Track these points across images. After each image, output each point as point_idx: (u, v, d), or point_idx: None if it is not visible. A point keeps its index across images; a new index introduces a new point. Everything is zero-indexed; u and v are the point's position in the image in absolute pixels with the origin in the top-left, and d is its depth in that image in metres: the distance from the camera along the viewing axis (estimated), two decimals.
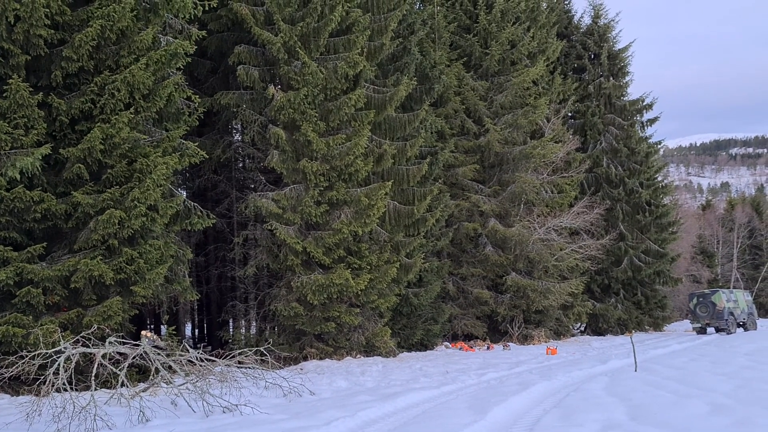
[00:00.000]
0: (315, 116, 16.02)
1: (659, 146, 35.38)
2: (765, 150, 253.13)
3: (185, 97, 13.82)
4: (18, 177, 10.91)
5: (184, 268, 14.07)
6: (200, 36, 14.25)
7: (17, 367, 9.38)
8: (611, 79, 32.39)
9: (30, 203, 11.15)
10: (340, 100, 16.28)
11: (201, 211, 14.20)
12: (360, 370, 14.28)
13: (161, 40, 13.19)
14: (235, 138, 19.87)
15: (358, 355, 17.03)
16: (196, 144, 13.98)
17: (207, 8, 14.19)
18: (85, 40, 11.63)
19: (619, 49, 33.13)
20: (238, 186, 19.00)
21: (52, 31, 11.64)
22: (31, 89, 11.29)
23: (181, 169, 14.18)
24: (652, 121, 33.62)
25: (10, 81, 10.97)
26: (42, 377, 9.06)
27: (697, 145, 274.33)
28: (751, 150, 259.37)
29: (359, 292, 16.27)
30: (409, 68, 19.23)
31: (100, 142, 11.61)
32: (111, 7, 11.97)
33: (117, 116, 11.89)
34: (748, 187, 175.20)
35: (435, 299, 21.08)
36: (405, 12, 18.96)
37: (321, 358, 16.35)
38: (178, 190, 13.72)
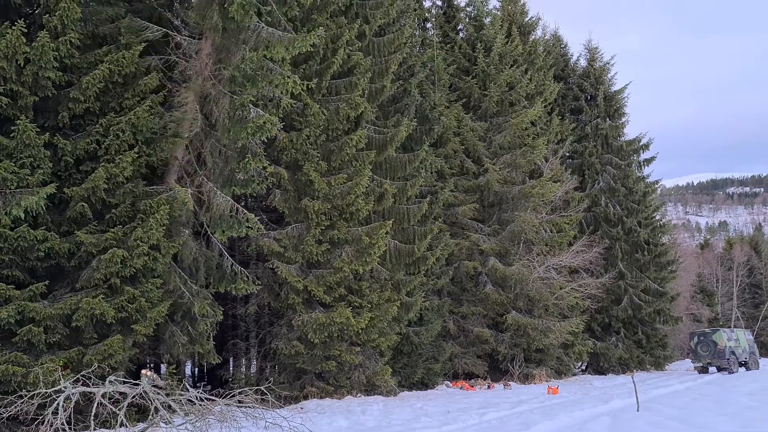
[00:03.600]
0: (317, 156, 16.23)
1: (657, 185, 35.63)
2: (761, 189, 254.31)
3: (261, 166, 13.88)
4: (22, 216, 11.02)
5: (210, 329, 13.99)
6: (291, 105, 14.07)
7: (16, 407, 9.34)
8: (608, 119, 32.82)
9: (34, 242, 11.24)
10: (342, 141, 16.52)
11: (247, 276, 14.17)
12: (360, 410, 14.17)
13: (251, 110, 12.98)
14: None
15: (359, 394, 16.90)
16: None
17: (307, 87, 14.23)
18: (93, 83, 11.91)
19: (615, 91, 33.65)
20: None
21: (60, 73, 11.91)
22: (37, 129, 11.49)
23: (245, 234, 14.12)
24: (648, 160, 33.93)
25: (18, 121, 11.18)
26: (41, 417, 9.02)
27: (695, 184, 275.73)
28: (748, 189, 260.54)
29: (360, 331, 16.24)
30: (410, 109, 19.53)
31: (104, 181, 11.78)
32: (120, 53, 12.27)
33: (121, 156, 12.09)
34: (746, 226, 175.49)
35: (435, 338, 20.99)
36: (405, 55, 19.38)
37: (321, 397, 16.22)
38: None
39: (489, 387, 21.89)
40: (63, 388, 9.40)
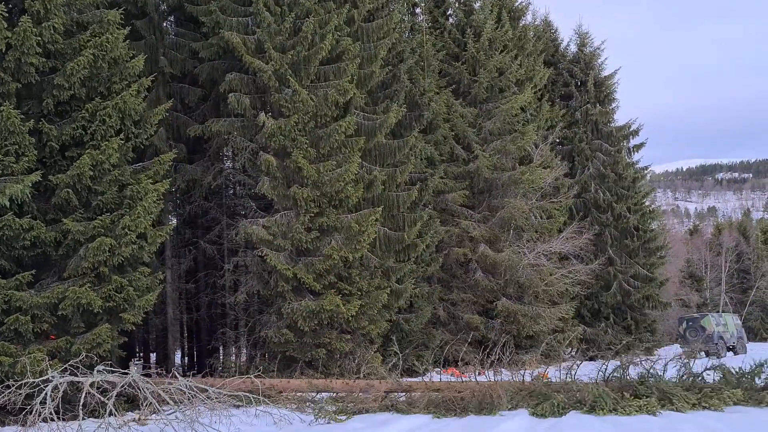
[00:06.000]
0: (305, 143, 16.11)
1: (646, 171, 35.71)
2: (750, 175, 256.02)
3: None
4: (8, 204, 10.89)
5: None
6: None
7: (3, 397, 9.27)
8: (598, 105, 32.78)
9: (19, 231, 11.11)
10: (331, 127, 16.39)
11: None
12: None
13: None
14: (226, 165, 19.91)
15: None
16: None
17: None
18: (77, 68, 11.72)
19: (604, 77, 33.58)
20: (229, 212, 18.99)
21: (44, 59, 11.73)
22: (22, 116, 11.33)
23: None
24: (638, 146, 33.96)
25: (1, 108, 11.02)
26: (29, 407, 8.95)
27: (684, 170, 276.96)
28: (736, 175, 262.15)
29: (350, 318, 16.21)
30: (399, 95, 19.41)
31: (89, 168, 11.64)
32: (104, 37, 12.09)
33: (107, 142, 11.95)
34: (734, 212, 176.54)
35: (426, 325, 21.00)
36: (394, 40, 19.21)
37: None
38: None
39: (479, 373, 21.95)
40: (51, 378, 9.34)
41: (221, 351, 20.84)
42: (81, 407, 8.86)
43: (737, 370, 10.84)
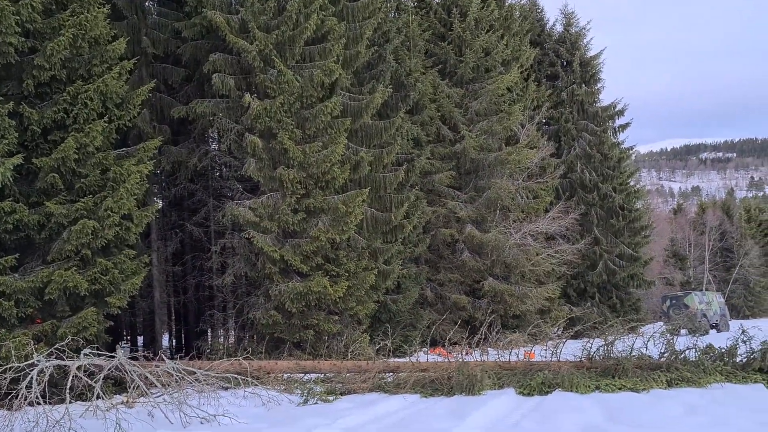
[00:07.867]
0: (291, 124, 16.00)
1: (631, 151, 35.93)
2: (734, 154, 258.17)
3: None
4: None
5: None
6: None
7: None
8: (583, 85, 32.82)
9: (1, 214, 10.99)
10: (317, 108, 16.28)
11: None
12: None
13: None
14: (212, 146, 19.73)
15: None
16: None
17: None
18: (57, 49, 11.52)
19: (590, 57, 33.60)
20: (215, 194, 18.87)
21: (23, 38, 11.52)
22: (1, 98, 11.15)
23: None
24: (623, 126, 34.11)
25: None
26: (14, 391, 8.91)
27: (668, 150, 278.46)
28: (720, 154, 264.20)
29: (337, 300, 16.23)
30: (385, 76, 19.29)
31: (74, 151, 11.50)
32: (83, 15, 11.88)
33: (90, 125, 11.79)
34: (718, 191, 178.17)
35: (413, 305, 21.08)
36: (380, 20, 19.06)
37: None
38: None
39: (466, 353, 22.11)
40: (36, 362, 9.29)
41: (209, 333, 20.81)
42: (68, 391, 8.84)
43: (718, 348, 11.03)
